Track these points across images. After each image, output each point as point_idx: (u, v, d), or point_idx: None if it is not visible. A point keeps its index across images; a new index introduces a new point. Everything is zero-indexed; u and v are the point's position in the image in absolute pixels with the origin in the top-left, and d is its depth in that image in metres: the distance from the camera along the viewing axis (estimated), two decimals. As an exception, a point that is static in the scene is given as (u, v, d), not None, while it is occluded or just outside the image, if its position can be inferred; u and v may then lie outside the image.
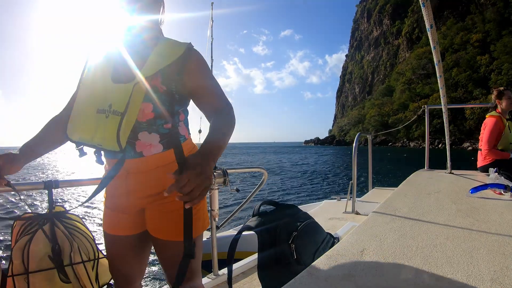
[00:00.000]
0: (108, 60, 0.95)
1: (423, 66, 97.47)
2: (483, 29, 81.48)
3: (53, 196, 1.13)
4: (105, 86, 0.91)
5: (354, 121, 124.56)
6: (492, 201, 1.64)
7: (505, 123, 2.82)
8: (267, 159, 36.81)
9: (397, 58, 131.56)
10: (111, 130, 0.85)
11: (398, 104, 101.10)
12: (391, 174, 15.62)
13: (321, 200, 4.13)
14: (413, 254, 0.93)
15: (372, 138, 3.84)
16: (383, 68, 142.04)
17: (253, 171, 2.13)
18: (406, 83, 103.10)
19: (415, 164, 3.95)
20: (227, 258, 1.24)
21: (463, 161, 15.50)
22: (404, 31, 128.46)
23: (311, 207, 3.73)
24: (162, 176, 0.93)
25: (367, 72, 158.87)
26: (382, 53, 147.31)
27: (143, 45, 0.95)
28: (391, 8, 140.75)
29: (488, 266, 0.83)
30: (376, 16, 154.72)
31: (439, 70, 2.13)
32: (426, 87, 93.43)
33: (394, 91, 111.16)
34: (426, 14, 1.46)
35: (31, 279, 0.94)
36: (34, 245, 0.97)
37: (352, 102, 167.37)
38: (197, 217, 0.97)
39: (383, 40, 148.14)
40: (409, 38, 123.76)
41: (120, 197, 0.97)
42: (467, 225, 1.21)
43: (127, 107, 0.84)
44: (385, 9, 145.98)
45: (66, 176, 19.77)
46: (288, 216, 1.34)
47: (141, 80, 0.86)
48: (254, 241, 1.25)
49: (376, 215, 1.40)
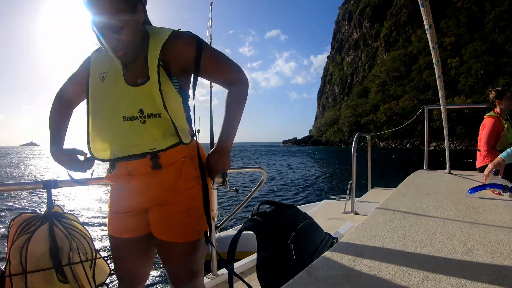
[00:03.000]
0: (112, 65, 0.93)
1: (397, 68, 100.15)
2: (456, 32, 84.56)
3: (51, 196, 1.12)
4: (123, 90, 0.90)
5: (330, 121, 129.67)
6: (491, 202, 1.64)
7: (503, 123, 2.82)
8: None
9: (375, 60, 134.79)
10: (154, 133, 0.88)
11: (371, 105, 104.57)
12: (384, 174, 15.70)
13: (320, 200, 4.13)
14: (412, 254, 0.93)
15: (370, 138, 3.84)
16: (362, 70, 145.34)
17: (253, 171, 2.13)
18: (381, 84, 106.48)
19: (386, 163, 3.93)
20: (227, 258, 1.23)
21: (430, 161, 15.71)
22: (382, 34, 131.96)
23: (310, 207, 3.74)
24: (165, 176, 0.93)
25: (346, 74, 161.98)
26: (362, 55, 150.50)
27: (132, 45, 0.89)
28: (371, 11, 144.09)
29: (487, 267, 0.83)
30: (356, 19, 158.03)
31: (438, 70, 2.14)
32: (398, 88, 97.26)
33: (369, 92, 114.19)
34: (425, 14, 1.46)
35: (29, 279, 0.94)
36: (33, 244, 0.96)
37: (332, 103, 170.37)
38: (201, 218, 0.97)
39: (363, 42, 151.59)
40: (387, 41, 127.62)
41: (124, 199, 0.97)
42: (466, 225, 1.21)
43: (168, 105, 0.86)
44: (365, 11, 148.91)
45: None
46: (287, 216, 1.34)
47: (156, 78, 0.86)
48: (253, 241, 1.25)
49: (375, 215, 1.40)
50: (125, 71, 0.92)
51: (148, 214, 0.97)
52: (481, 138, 2.93)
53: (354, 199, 3.11)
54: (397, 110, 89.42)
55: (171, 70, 0.91)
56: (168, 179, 0.93)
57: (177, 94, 0.90)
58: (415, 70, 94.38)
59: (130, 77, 0.91)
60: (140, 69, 0.89)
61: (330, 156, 36.31)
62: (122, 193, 0.97)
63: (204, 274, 1.73)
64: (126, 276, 1.03)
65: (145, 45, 0.90)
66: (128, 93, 0.89)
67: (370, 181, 3.90)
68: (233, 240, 1.23)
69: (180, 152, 0.94)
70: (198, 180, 0.97)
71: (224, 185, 1.65)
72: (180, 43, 0.89)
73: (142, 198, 0.95)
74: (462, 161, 2.92)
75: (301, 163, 25.25)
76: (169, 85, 0.89)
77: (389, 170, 16.88)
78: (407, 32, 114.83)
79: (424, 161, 3.48)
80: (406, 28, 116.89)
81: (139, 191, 0.94)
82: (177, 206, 0.93)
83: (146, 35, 0.92)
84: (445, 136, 2.90)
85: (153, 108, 0.87)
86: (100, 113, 0.94)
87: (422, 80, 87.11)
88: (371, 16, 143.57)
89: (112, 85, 0.92)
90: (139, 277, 1.06)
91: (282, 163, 27.51)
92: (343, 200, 3.39)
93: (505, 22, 78.07)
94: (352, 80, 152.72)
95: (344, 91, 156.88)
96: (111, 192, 1.02)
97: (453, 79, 79.35)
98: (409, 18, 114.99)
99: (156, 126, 0.88)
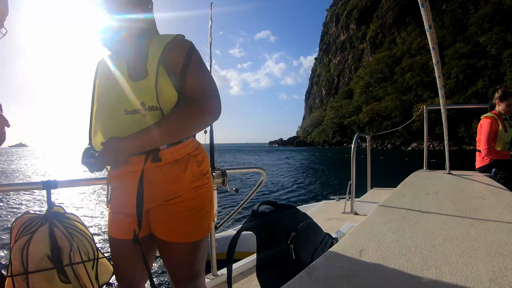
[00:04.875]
0: (117, 62, 0.97)
1: (380, 70, 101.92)
2: (440, 34, 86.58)
3: (51, 196, 1.13)
4: (126, 86, 0.92)
5: (315, 122, 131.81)
6: (491, 202, 1.64)
7: (499, 124, 2.81)
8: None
9: (361, 62, 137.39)
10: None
11: (354, 107, 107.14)
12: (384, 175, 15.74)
13: (320, 200, 4.14)
14: (411, 255, 0.93)
15: (367, 138, 3.85)
16: (348, 72, 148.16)
17: (252, 171, 2.13)
18: (365, 86, 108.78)
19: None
20: (226, 258, 1.24)
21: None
22: (368, 36, 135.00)
23: (310, 207, 3.74)
24: (168, 174, 0.93)
25: (333, 75, 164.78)
26: (348, 57, 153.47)
27: (140, 44, 0.96)
28: (357, 13, 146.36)
29: (487, 267, 0.83)
30: (343, 21, 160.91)
31: (438, 70, 2.14)
32: (381, 90, 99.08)
33: (354, 93, 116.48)
34: (425, 14, 1.47)
35: (31, 279, 0.94)
36: (34, 245, 0.97)
37: (319, 104, 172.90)
38: (203, 219, 0.97)
39: (349, 44, 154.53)
40: (372, 43, 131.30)
41: (125, 199, 0.97)
42: (466, 226, 1.21)
43: (161, 99, 0.87)
44: (352, 14, 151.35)
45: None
46: (287, 217, 1.34)
47: (154, 73, 0.89)
48: (253, 242, 1.25)
49: (375, 215, 1.40)
50: (130, 68, 0.95)
51: (149, 214, 0.98)
52: (479, 139, 2.93)
53: (353, 199, 3.11)
54: (379, 111, 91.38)
55: (169, 69, 0.93)
56: (171, 177, 0.93)
57: (174, 91, 0.91)
58: (398, 72, 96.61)
59: (134, 74, 0.94)
60: (144, 66, 0.92)
61: (304, 158, 36.52)
62: (123, 193, 0.98)
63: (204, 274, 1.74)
64: (126, 277, 1.03)
65: (148, 45, 0.95)
66: (132, 88, 0.92)
67: (370, 181, 3.91)
68: (232, 240, 1.23)
69: (181, 150, 0.94)
70: (201, 180, 0.97)
71: (224, 185, 1.66)
72: (176, 46, 0.93)
73: (144, 198, 0.95)
74: (443, 161, 3.03)
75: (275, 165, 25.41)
76: (167, 82, 0.90)
77: (380, 172, 16.88)
78: (393, 34, 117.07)
79: (423, 161, 3.49)
80: (391, 30, 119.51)
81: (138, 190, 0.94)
82: (180, 206, 0.93)
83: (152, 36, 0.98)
84: (445, 137, 2.90)
85: (154, 101, 0.88)
86: (104, 108, 0.96)
87: (405, 82, 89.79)
88: (357, 18, 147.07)
89: (116, 82, 0.94)
90: (139, 279, 1.06)
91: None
92: (343, 200, 3.39)
93: (488, 24, 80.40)
94: (339, 82, 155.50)
95: (330, 92, 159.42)
96: (112, 193, 1.02)
97: (434, 80, 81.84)
98: (395, 20, 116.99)
99: (156, 119, 0.88)
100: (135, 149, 0.87)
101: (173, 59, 0.92)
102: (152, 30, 1.01)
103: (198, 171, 0.97)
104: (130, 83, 0.92)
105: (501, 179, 2.62)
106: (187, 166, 0.95)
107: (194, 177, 0.96)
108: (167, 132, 0.86)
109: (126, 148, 0.86)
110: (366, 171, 3.87)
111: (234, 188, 1.79)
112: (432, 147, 53.07)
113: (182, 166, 0.94)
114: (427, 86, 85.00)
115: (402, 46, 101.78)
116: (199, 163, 0.98)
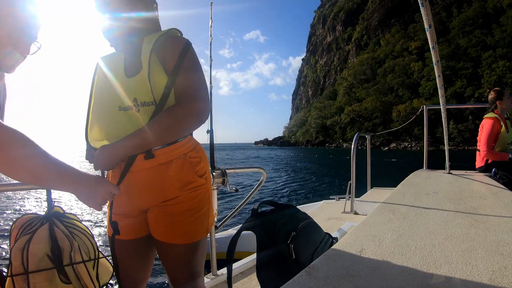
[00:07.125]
0: (117, 59, 0.98)
1: (364, 72, 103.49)
2: (423, 37, 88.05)
3: (51, 196, 1.13)
4: (120, 82, 0.93)
5: (300, 123, 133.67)
6: (491, 201, 1.64)
7: (502, 124, 2.82)
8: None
9: (347, 63, 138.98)
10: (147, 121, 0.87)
11: (336, 107, 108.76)
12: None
13: (320, 200, 4.14)
14: (411, 254, 0.93)
15: (367, 138, 3.85)
16: (334, 73, 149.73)
17: (252, 171, 2.13)
18: (348, 87, 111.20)
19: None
20: (226, 258, 1.24)
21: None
22: (354, 37, 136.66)
23: (310, 207, 3.74)
24: (165, 174, 0.92)
25: (320, 76, 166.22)
26: (334, 58, 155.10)
27: (135, 42, 0.97)
28: (344, 15, 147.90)
29: (487, 266, 0.83)
30: (330, 22, 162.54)
31: (438, 70, 2.14)
32: (363, 91, 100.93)
33: (338, 94, 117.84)
34: (425, 14, 1.46)
35: (31, 280, 0.94)
36: (34, 245, 0.96)
37: (305, 104, 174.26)
38: (201, 220, 0.97)
39: (335, 45, 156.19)
40: (358, 44, 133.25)
41: (123, 199, 0.96)
42: (466, 225, 1.21)
43: (155, 91, 0.87)
44: (339, 15, 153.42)
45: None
46: (287, 216, 1.34)
47: (147, 66, 0.89)
48: (253, 241, 1.25)
49: (375, 215, 1.41)
50: (126, 65, 0.95)
51: (147, 215, 0.97)
52: (480, 139, 2.93)
53: (353, 199, 3.11)
54: (360, 112, 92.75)
55: (163, 65, 0.92)
56: (166, 178, 0.92)
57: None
58: (380, 74, 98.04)
59: (129, 70, 0.94)
60: (138, 61, 0.92)
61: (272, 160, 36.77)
62: (121, 193, 0.97)
63: (204, 274, 1.74)
64: (126, 278, 1.03)
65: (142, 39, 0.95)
66: (126, 84, 0.92)
67: (370, 181, 3.91)
68: (232, 240, 1.23)
69: (176, 150, 0.93)
70: (198, 181, 0.97)
71: (224, 185, 1.66)
72: (170, 44, 0.92)
73: (141, 198, 0.94)
74: (420, 161, 3.06)
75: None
76: (161, 74, 0.89)
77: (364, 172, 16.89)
78: (377, 36, 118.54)
79: (424, 161, 3.49)
80: (376, 32, 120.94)
81: (138, 190, 0.94)
82: (177, 207, 0.93)
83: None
84: (444, 136, 2.90)
85: (146, 96, 0.88)
86: (100, 105, 0.97)
87: (386, 83, 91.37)
88: (344, 20, 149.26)
89: (113, 79, 0.95)
90: (139, 279, 1.06)
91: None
92: (343, 200, 3.39)
93: (469, 27, 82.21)
94: (325, 82, 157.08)
95: (316, 93, 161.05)
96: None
97: (415, 82, 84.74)
98: (380, 22, 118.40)
99: (149, 115, 0.88)
100: (125, 154, 0.88)
101: (167, 55, 0.91)
102: (150, 29, 0.99)
103: (194, 172, 0.96)
104: (125, 80, 0.92)
105: (501, 178, 2.62)
106: (183, 167, 0.94)
107: (190, 178, 0.95)
108: (154, 135, 0.85)
109: (117, 156, 0.88)
110: (366, 171, 3.87)
111: (234, 188, 1.79)
112: (410, 147, 53.75)
113: (177, 167, 0.93)
114: (409, 87, 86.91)
115: (385, 48, 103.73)
116: (195, 163, 0.97)
